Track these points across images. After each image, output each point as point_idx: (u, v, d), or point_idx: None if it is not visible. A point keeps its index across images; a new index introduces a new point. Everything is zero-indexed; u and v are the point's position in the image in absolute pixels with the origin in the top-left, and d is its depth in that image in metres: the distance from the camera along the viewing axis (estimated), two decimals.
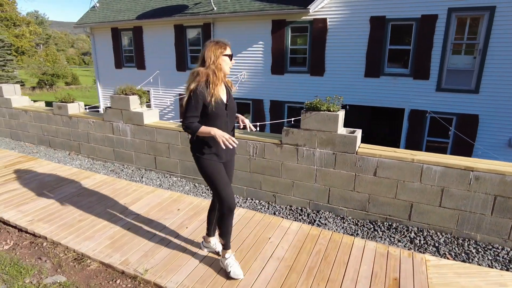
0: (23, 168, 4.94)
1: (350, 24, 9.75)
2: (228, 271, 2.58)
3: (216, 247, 2.86)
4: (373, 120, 12.67)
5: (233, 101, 2.50)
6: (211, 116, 2.30)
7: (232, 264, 2.60)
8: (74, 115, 5.55)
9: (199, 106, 2.26)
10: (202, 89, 2.24)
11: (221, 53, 2.28)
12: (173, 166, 4.80)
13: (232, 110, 2.47)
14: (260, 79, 11.29)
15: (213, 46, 2.28)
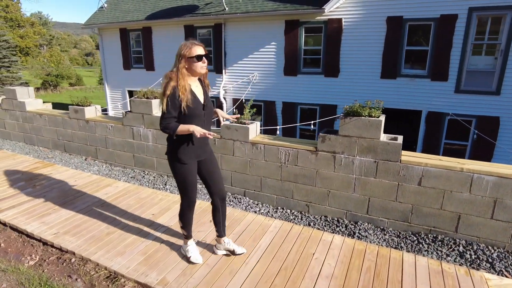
0: (41, 174, 4.74)
1: (366, 24, 9.53)
2: (189, 256, 2.79)
3: (230, 246, 2.90)
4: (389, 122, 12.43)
5: (210, 101, 2.58)
6: (189, 117, 2.36)
7: (192, 250, 2.82)
8: (91, 119, 5.34)
9: (176, 107, 2.32)
10: (175, 90, 2.31)
11: (188, 55, 2.33)
12: None
13: (209, 110, 2.54)
14: (272, 80, 11.08)
15: (183, 48, 2.35)
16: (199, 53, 2.33)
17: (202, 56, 2.35)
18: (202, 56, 2.35)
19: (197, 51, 2.33)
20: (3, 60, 25.26)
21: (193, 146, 2.48)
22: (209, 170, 2.67)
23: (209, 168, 2.67)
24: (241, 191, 4.35)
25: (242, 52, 11.34)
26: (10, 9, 34.50)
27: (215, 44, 11.66)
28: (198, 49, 2.34)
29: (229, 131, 4.19)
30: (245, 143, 4.13)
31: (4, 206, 3.75)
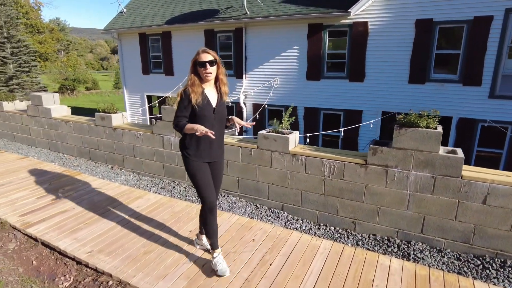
0: (68, 184, 4.58)
1: (393, 27, 9.19)
2: (216, 270, 2.69)
3: (207, 245, 2.98)
4: None
5: (223, 107, 2.63)
6: (199, 118, 2.47)
7: (220, 262, 2.72)
8: (119, 127, 5.17)
9: (187, 106, 2.47)
10: (187, 91, 2.46)
11: (193, 61, 2.49)
12: (232, 185, 4.35)
13: (220, 115, 2.60)
14: (294, 85, 10.82)
15: (195, 54, 2.50)
16: (202, 60, 2.44)
17: (205, 62, 2.44)
18: (205, 62, 2.44)
19: (201, 58, 2.44)
20: (24, 65, 25.72)
21: (200, 145, 2.57)
22: (214, 172, 2.73)
23: (215, 171, 2.74)
24: (278, 205, 4.08)
25: (263, 56, 11.12)
26: (30, 15, 35.28)
27: (236, 48, 11.48)
28: (203, 56, 2.44)
29: (267, 141, 3.94)
30: (284, 154, 3.87)
31: (35, 219, 3.58)
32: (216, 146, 2.65)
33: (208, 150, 2.61)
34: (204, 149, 2.58)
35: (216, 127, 2.54)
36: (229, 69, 11.90)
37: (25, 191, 4.33)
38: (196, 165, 2.58)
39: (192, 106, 2.45)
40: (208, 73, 2.47)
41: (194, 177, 2.60)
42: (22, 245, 3.29)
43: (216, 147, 2.65)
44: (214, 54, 2.49)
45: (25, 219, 3.58)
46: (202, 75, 2.48)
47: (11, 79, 25.32)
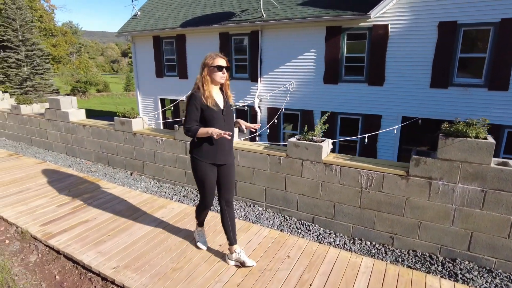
0: (88, 192, 4.43)
1: (415, 30, 8.92)
2: (197, 241, 3.15)
3: (241, 256, 2.85)
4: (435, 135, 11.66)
5: (230, 109, 2.73)
6: (209, 121, 2.55)
7: (200, 235, 3.16)
8: (139, 132, 5.02)
9: (196, 110, 2.53)
10: (197, 94, 2.54)
11: (211, 64, 2.55)
12: (258, 194, 4.15)
13: (229, 116, 2.69)
14: (311, 88, 10.60)
15: (207, 58, 2.57)
16: (220, 64, 2.55)
17: (223, 67, 2.57)
18: (223, 67, 2.57)
19: (219, 62, 2.56)
20: (37, 68, 26.02)
21: (211, 148, 2.62)
22: (225, 175, 2.78)
23: (226, 173, 2.78)
24: (309, 217, 3.86)
25: (279, 59, 10.94)
26: (44, 19, 35.78)
27: (251, 51, 11.32)
28: (220, 61, 2.57)
29: (298, 149, 3.73)
30: (317, 163, 3.65)
31: (56, 229, 3.43)
32: (227, 148, 2.71)
33: (219, 152, 2.65)
34: (214, 152, 2.63)
35: (225, 128, 2.60)
36: (243, 73, 11.75)
37: (44, 198, 4.20)
38: (204, 169, 2.66)
39: (202, 109, 2.54)
40: (224, 77, 2.61)
41: (201, 181, 2.70)
42: (44, 258, 3.13)
43: (226, 149, 2.71)
44: (226, 59, 2.65)
45: (46, 229, 3.43)
46: (217, 78, 2.58)
47: (25, 81, 25.63)
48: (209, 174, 2.66)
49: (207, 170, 2.65)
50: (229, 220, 2.82)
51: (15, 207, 3.93)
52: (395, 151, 9.93)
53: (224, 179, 2.78)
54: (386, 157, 9.88)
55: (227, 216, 2.82)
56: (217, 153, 2.64)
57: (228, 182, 2.80)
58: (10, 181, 4.76)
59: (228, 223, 2.82)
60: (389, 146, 10.04)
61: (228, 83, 2.73)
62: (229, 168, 2.79)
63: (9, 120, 7.33)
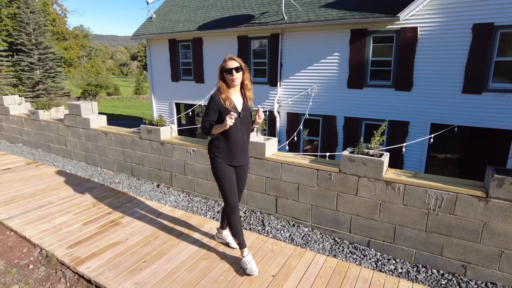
0: (115, 206, 4.07)
1: (447, 33, 8.47)
2: (245, 268, 2.78)
3: (227, 238, 3.21)
4: (469, 142, 11.08)
5: (248, 111, 2.75)
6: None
7: (249, 261, 2.79)
8: (168, 141, 4.66)
9: (214, 111, 2.59)
10: (216, 95, 2.61)
11: (221, 68, 2.63)
12: (303, 213, 3.74)
13: (246, 120, 2.72)
14: (334, 93, 10.19)
15: (223, 62, 2.62)
16: (228, 67, 2.57)
17: (231, 69, 2.56)
18: (231, 69, 2.56)
19: (228, 64, 2.57)
20: (50, 71, 26.05)
21: (227, 149, 2.67)
22: (240, 176, 2.84)
23: (240, 175, 2.84)
24: (363, 240, 3.44)
25: (300, 63, 10.56)
26: (57, 22, 35.99)
27: (271, 55, 10.96)
28: (229, 63, 2.58)
29: (353, 164, 3.33)
30: (376, 181, 3.24)
31: (85, 253, 3.06)
32: (243, 150, 2.75)
33: (235, 154, 2.69)
34: (230, 153, 2.67)
35: (242, 131, 2.67)
36: (262, 77, 11.39)
37: (68, 214, 3.84)
38: (222, 168, 2.69)
39: (219, 111, 2.58)
40: (234, 79, 2.59)
41: (220, 179, 2.72)
42: (73, 287, 2.76)
43: (242, 151, 2.75)
44: (240, 61, 2.62)
45: (73, 253, 3.07)
46: (229, 81, 2.61)
47: (37, 84, 25.66)
48: (227, 173, 2.70)
49: (225, 169, 2.70)
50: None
51: (37, 225, 3.58)
52: (422, 160, 9.46)
53: (238, 180, 2.83)
54: (413, 166, 9.42)
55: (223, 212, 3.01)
56: (232, 154, 2.68)
57: (241, 182, 2.88)
58: (30, 194, 4.43)
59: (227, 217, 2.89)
60: (417, 154, 9.58)
61: (246, 84, 2.71)
62: (244, 169, 2.86)
63: (26, 126, 7.05)
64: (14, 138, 7.55)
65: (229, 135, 2.62)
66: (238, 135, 2.65)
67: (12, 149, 7.05)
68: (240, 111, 2.66)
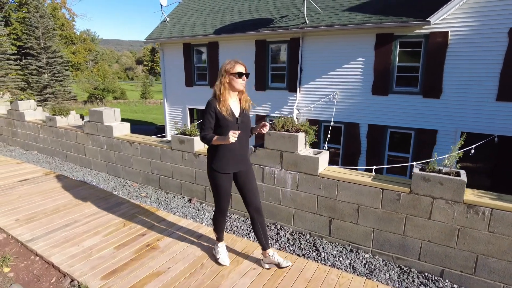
0: (147, 226, 3.67)
1: (480, 37, 8.07)
2: (217, 257, 2.97)
3: (275, 258, 2.89)
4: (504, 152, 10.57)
5: (247, 117, 2.69)
6: (223, 128, 2.53)
7: (222, 252, 2.99)
8: (202, 153, 4.26)
9: (211, 118, 2.55)
10: (213, 101, 2.56)
11: (231, 71, 2.53)
12: (362, 237, 3.32)
13: (244, 125, 2.64)
14: (357, 100, 9.79)
15: (227, 64, 2.55)
16: (240, 71, 2.52)
17: (243, 74, 2.54)
18: (243, 74, 2.54)
19: (238, 68, 2.52)
20: (57, 75, 25.87)
21: (229, 157, 2.62)
22: (245, 182, 2.74)
23: (245, 180, 2.74)
24: (435, 269, 3.01)
25: (321, 68, 10.19)
26: (65, 27, 35.96)
27: (290, 60, 10.60)
28: (240, 67, 2.54)
29: (427, 184, 2.91)
30: (455, 203, 2.82)
31: (123, 286, 2.65)
32: (240, 155, 2.67)
33: (232, 161, 2.64)
34: (228, 161, 2.62)
35: (239, 136, 2.52)
36: (281, 82, 11.02)
37: (97, 236, 3.44)
38: (219, 178, 2.66)
39: (217, 117, 2.52)
40: (243, 84, 2.58)
41: (216, 189, 2.72)
42: None
43: (240, 157, 2.67)
44: (245, 66, 2.60)
45: (110, 285, 2.66)
46: (237, 85, 2.54)
47: (45, 88, 25.48)
48: (223, 184, 2.69)
49: (221, 179, 2.67)
50: (259, 227, 2.80)
51: (65, 248, 3.18)
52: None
53: (245, 187, 2.75)
54: None
55: (258, 223, 2.79)
56: (229, 162, 2.63)
57: (250, 189, 2.76)
58: (53, 210, 4.04)
59: (259, 230, 2.80)
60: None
61: (244, 90, 2.66)
62: (246, 174, 2.75)
63: (42, 133, 6.69)
64: (28, 145, 7.19)
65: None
66: (236, 142, 2.52)
67: (27, 157, 6.69)
68: (238, 117, 2.60)
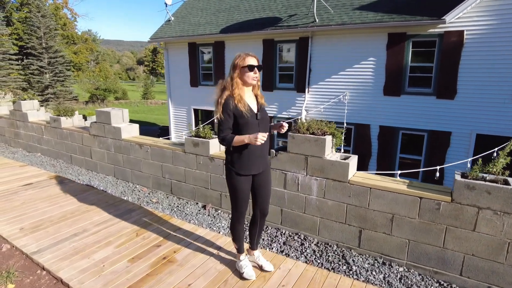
0: (162, 235, 3.41)
1: (498, 36, 7.82)
2: (242, 272, 2.72)
3: (259, 260, 2.85)
4: None
5: (265, 113, 2.55)
6: (242, 127, 2.37)
7: (246, 265, 2.74)
8: (218, 156, 4.01)
9: (229, 117, 2.35)
10: (229, 99, 2.34)
11: (241, 64, 2.35)
12: (396, 249, 3.06)
13: (264, 120, 2.49)
14: (368, 100, 9.54)
15: (237, 58, 2.38)
16: (251, 63, 2.35)
17: (254, 66, 2.36)
18: (254, 66, 2.36)
19: (249, 61, 2.36)
20: (59, 75, 25.63)
21: (250, 158, 2.45)
22: (260, 184, 2.61)
23: (261, 182, 2.60)
24: (480, 286, 2.76)
25: (331, 68, 9.94)
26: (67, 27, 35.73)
27: (299, 60, 10.35)
28: (251, 60, 2.37)
29: (472, 193, 2.65)
30: (505, 214, 2.57)
31: None
32: (262, 155, 2.53)
33: (253, 161, 2.47)
34: (248, 162, 2.46)
35: (260, 132, 2.36)
36: (289, 82, 10.77)
37: (109, 247, 3.19)
38: (239, 180, 2.49)
39: (234, 116, 2.35)
40: (257, 77, 2.41)
41: (235, 191, 2.52)
42: None
43: (261, 157, 2.52)
44: (257, 57, 2.41)
45: None
46: (249, 79, 2.38)
47: (47, 88, 25.24)
48: (242, 186, 2.50)
49: (241, 182, 2.49)
50: (258, 229, 2.71)
51: (74, 261, 2.93)
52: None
53: (260, 189, 2.60)
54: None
55: (258, 225, 2.69)
56: (250, 162, 2.46)
57: (264, 191, 2.62)
58: (60, 217, 3.78)
59: (257, 232, 2.73)
60: (458, 168, 8.87)
61: (259, 84, 2.51)
62: (264, 175, 2.60)
63: (46, 134, 6.44)
64: (32, 147, 6.94)
65: None
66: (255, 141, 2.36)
67: (30, 159, 6.43)
68: (257, 113, 2.44)
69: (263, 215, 2.68)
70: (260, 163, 2.52)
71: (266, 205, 2.67)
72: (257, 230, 2.72)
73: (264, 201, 2.64)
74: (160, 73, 75.93)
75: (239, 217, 2.62)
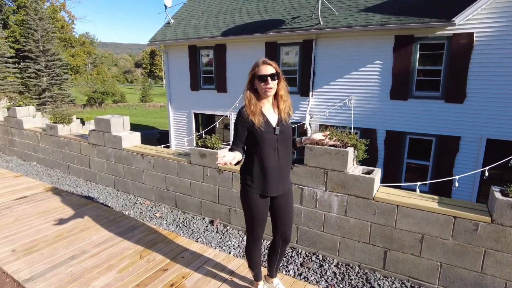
0: (169, 256, 3.12)
1: (508, 39, 7.61)
2: None
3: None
4: None
5: (287, 127, 2.24)
6: (257, 141, 2.15)
7: None
8: (228, 168, 3.73)
9: (242, 130, 2.17)
10: (242, 111, 2.17)
11: (253, 75, 2.13)
12: (426, 272, 2.79)
13: (284, 136, 2.21)
14: (374, 104, 9.30)
15: (253, 66, 2.16)
16: (262, 73, 2.08)
17: (266, 76, 2.06)
18: (266, 76, 2.06)
19: (261, 70, 2.09)
20: (56, 78, 25.29)
21: (267, 176, 2.18)
22: (280, 207, 2.32)
23: (281, 205, 2.32)
24: None
25: (336, 72, 9.70)
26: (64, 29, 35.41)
27: (302, 63, 10.11)
28: (263, 69, 2.09)
29: None
30: None
31: None
32: (280, 176, 2.23)
33: (270, 181, 2.20)
34: (265, 180, 2.19)
35: (279, 151, 2.19)
36: (292, 86, 10.51)
37: (111, 272, 2.89)
38: (255, 200, 2.23)
39: (248, 130, 2.15)
40: (269, 89, 2.10)
41: (250, 212, 2.27)
42: None
43: (279, 178, 2.23)
44: (276, 66, 2.13)
45: None
46: (261, 91, 2.13)
47: (44, 91, 24.87)
48: (258, 206, 2.24)
49: (257, 202, 2.23)
50: (279, 256, 2.46)
51: None
52: (476, 179, 8.51)
53: (279, 212, 2.33)
54: (465, 186, 8.48)
55: (279, 251, 2.42)
56: (267, 182, 2.19)
57: (285, 216, 2.35)
58: (55, 237, 3.48)
59: (277, 259, 2.47)
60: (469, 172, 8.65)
61: (281, 94, 2.19)
62: (285, 198, 2.32)
63: (42, 142, 6.13)
64: (27, 155, 6.63)
65: (262, 157, 2.15)
66: (273, 157, 2.16)
67: (26, 168, 6.13)
68: (275, 127, 2.16)
69: (284, 242, 2.40)
70: (279, 182, 2.25)
71: (288, 230, 2.39)
72: (278, 257, 2.47)
73: (285, 226, 2.37)
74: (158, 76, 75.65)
75: (255, 241, 2.37)
